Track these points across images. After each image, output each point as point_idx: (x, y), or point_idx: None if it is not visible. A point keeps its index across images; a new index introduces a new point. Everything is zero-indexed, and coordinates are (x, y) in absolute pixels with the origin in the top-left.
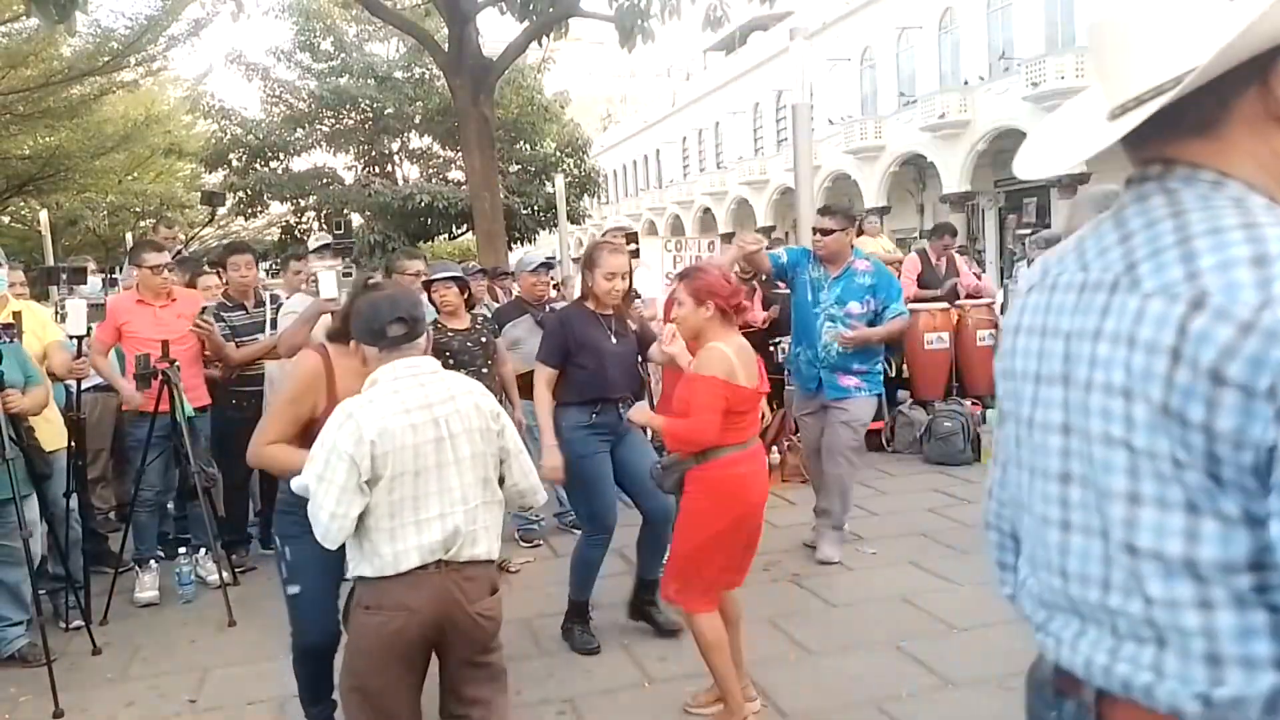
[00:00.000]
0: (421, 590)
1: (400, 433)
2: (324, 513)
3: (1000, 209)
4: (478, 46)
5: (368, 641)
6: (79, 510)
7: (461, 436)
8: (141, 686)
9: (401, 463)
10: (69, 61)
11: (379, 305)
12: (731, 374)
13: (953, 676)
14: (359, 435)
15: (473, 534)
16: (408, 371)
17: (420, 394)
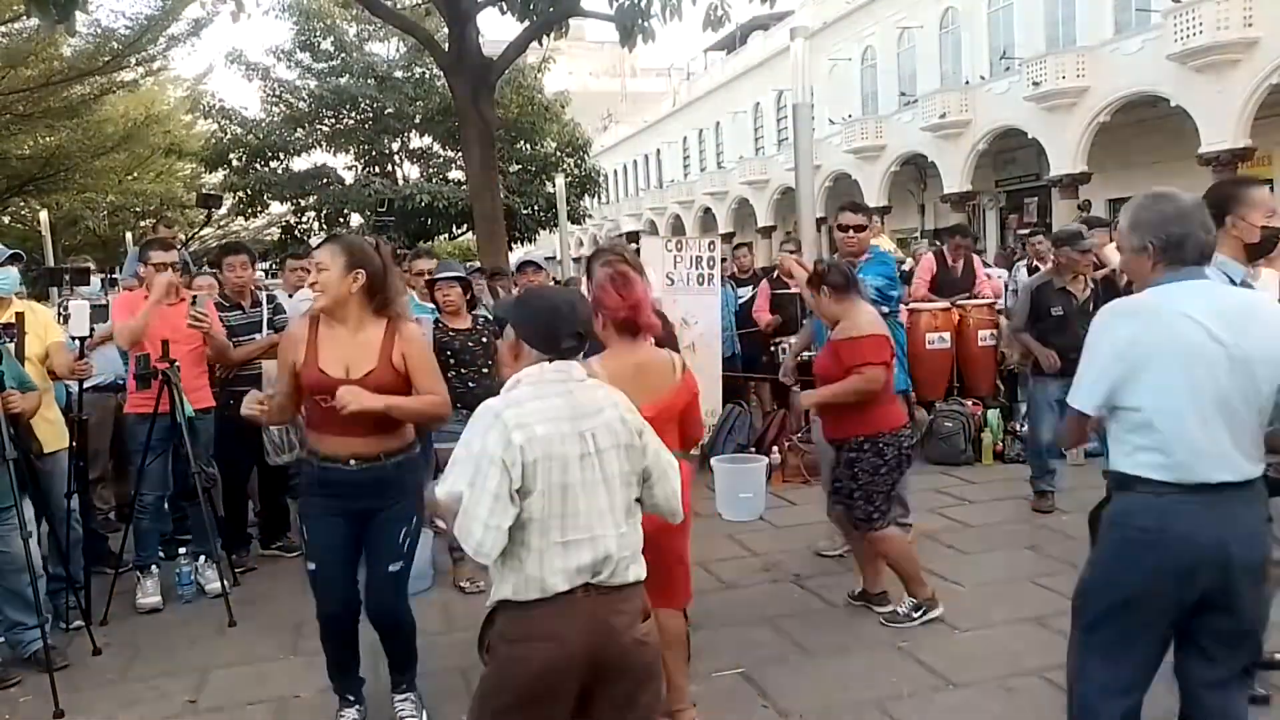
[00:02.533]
0: (573, 619)
1: (548, 441)
2: (477, 524)
3: (1001, 209)
4: (478, 46)
5: (512, 678)
6: (79, 510)
7: (610, 453)
8: (142, 687)
9: (549, 474)
10: (69, 61)
11: (561, 312)
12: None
13: (953, 677)
14: (508, 439)
15: (624, 559)
16: (556, 376)
17: (567, 403)
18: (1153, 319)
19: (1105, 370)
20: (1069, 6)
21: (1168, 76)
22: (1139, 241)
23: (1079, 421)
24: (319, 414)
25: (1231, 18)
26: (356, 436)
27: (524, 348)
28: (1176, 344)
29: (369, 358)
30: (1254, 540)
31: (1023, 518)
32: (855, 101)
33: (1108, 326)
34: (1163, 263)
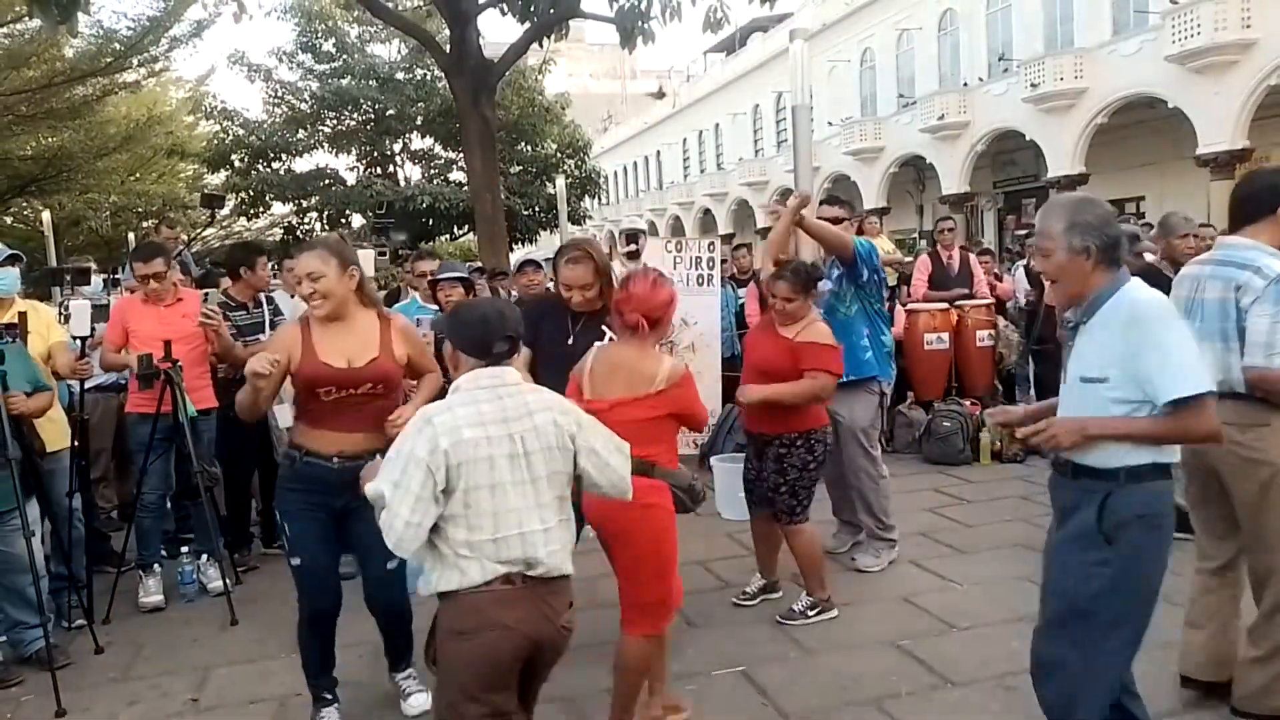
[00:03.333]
0: (515, 608)
1: (475, 444)
2: (399, 520)
3: (999, 210)
4: (479, 48)
5: (466, 670)
6: (82, 509)
7: (537, 454)
8: (144, 685)
9: (476, 475)
10: (71, 62)
11: (490, 321)
12: (580, 382)
13: (952, 676)
14: (435, 443)
15: (553, 554)
16: (490, 382)
17: (498, 407)
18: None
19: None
20: (1067, 8)
21: (1166, 78)
22: (1080, 243)
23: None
24: (319, 408)
25: (1229, 19)
26: (349, 433)
27: (460, 357)
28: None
29: (369, 347)
30: None
31: (1020, 517)
32: (854, 103)
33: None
34: (1103, 263)
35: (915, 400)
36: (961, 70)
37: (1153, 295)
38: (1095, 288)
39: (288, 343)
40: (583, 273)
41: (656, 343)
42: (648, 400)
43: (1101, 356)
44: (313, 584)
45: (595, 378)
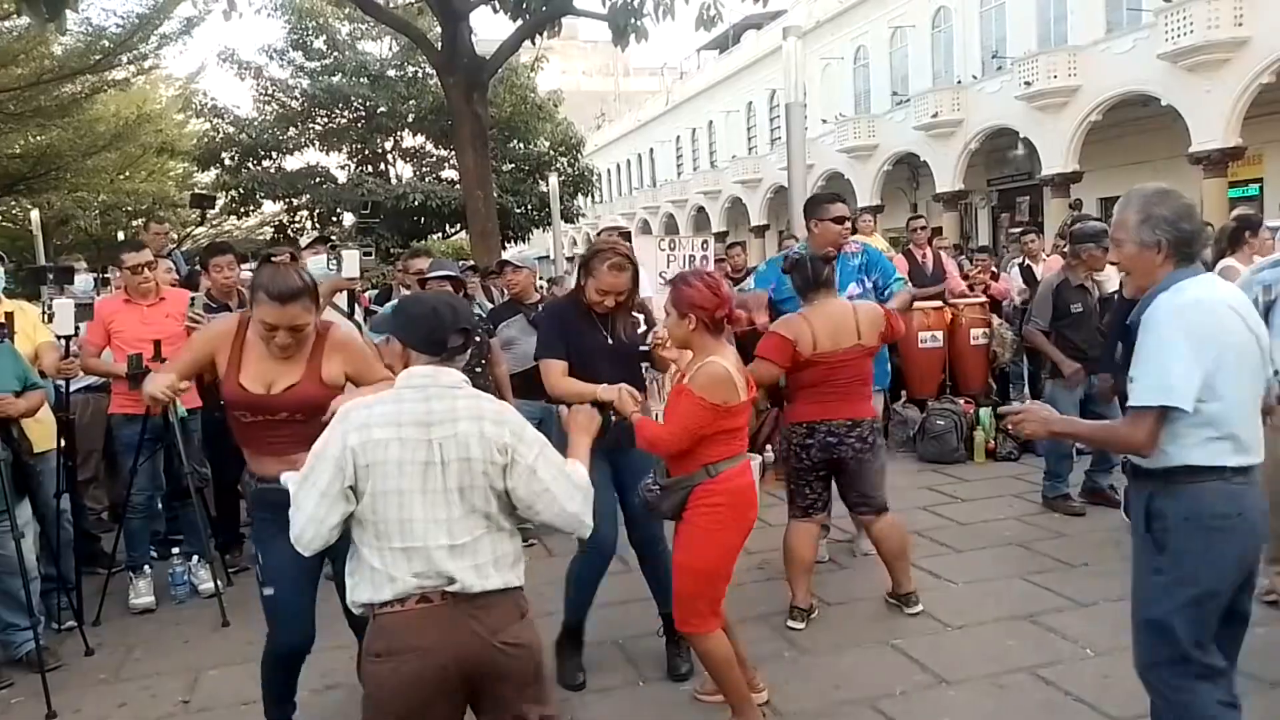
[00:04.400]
0: (430, 628)
1: (384, 445)
2: (301, 514)
3: (993, 208)
4: (471, 45)
5: (382, 694)
6: (70, 511)
7: (456, 465)
8: (134, 687)
9: (384, 479)
10: (60, 60)
11: (441, 313)
12: (730, 393)
13: (946, 674)
14: (344, 440)
15: (475, 568)
16: (421, 380)
17: (422, 409)
18: (1216, 313)
19: (1194, 364)
20: (1060, 6)
21: (1159, 76)
22: (1151, 236)
23: (1160, 422)
24: (244, 431)
25: (1222, 17)
26: (289, 453)
27: (411, 356)
28: (1233, 336)
29: (293, 370)
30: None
31: (1014, 515)
32: (848, 101)
33: (1178, 321)
34: (1173, 258)
35: (910, 399)
36: (955, 68)
37: (1177, 301)
38: (1159, 283)
39: (215, 343)
40: (626, 280)
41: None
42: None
43: (1137, 354)
44: (285, 617)
45: (741, 379)
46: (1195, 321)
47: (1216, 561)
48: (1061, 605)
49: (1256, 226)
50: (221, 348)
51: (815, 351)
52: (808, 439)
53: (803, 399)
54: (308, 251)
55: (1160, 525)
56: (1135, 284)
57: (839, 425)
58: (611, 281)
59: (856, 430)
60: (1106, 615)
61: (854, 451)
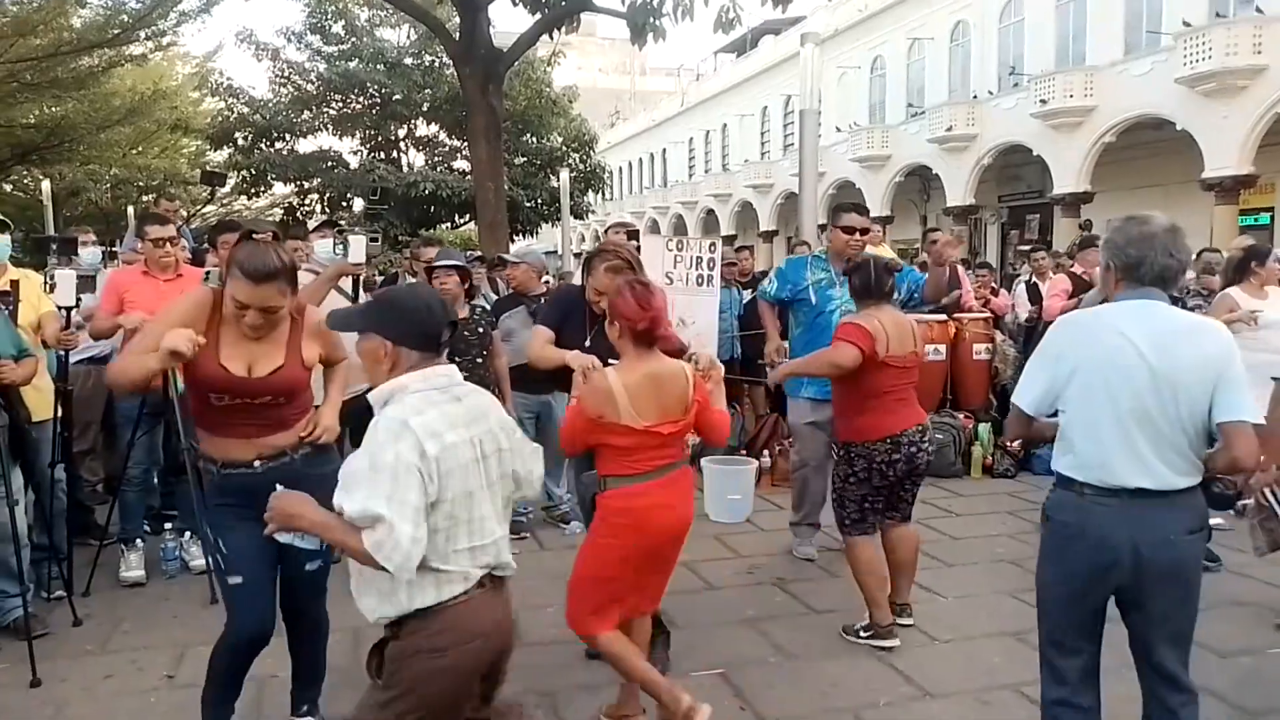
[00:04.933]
0: (491, 612)
1: (456, 449)
2: (405, 538)
3: (1003, 224)
4: (489, 37)
5: (437, 686)
6: (65, 481)
7: (493, 458)
8: (121, 659)
9: (456, 482)
10: (78, 32)
11: (433, 306)
12: (606, 407)
13: (931, 687)
14: (422, 448)
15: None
16: (445, 381)
17: (459, 409)
18: (1084, 331)
19: (1041, 374)
20: (1079, 25)
21: (1175, 100)
22: (1104, 259)
23: (1020, 419)
24: (213, 414)
25: (1241, 44)
26: (260, 437)
27: (401, 353)
28: (1101, 356)
29: (276, 352)
30: (1167, 545)
31: (1007, 532)
32: (863, 110)
33: (1049, 336)
34: (1123, 281)
35: None
36: (971, 82)
37: (1067, 316)
38: None
39: (189, 318)
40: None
41: None
42: (693, 404)
43: None
44: (254, 604)
45: (635, 400)
46: (1063, 336)
47: (1060, 565)
48: None
49: (1264, 257)
50: (195, 324)
51: (888, 353)
52: (894, 453)
53: (878, 411)
54: (315, 235)
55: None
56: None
57: (914, 433)
58: (606, 283)
59: (928, 435)
60: None
61: (928, 456)
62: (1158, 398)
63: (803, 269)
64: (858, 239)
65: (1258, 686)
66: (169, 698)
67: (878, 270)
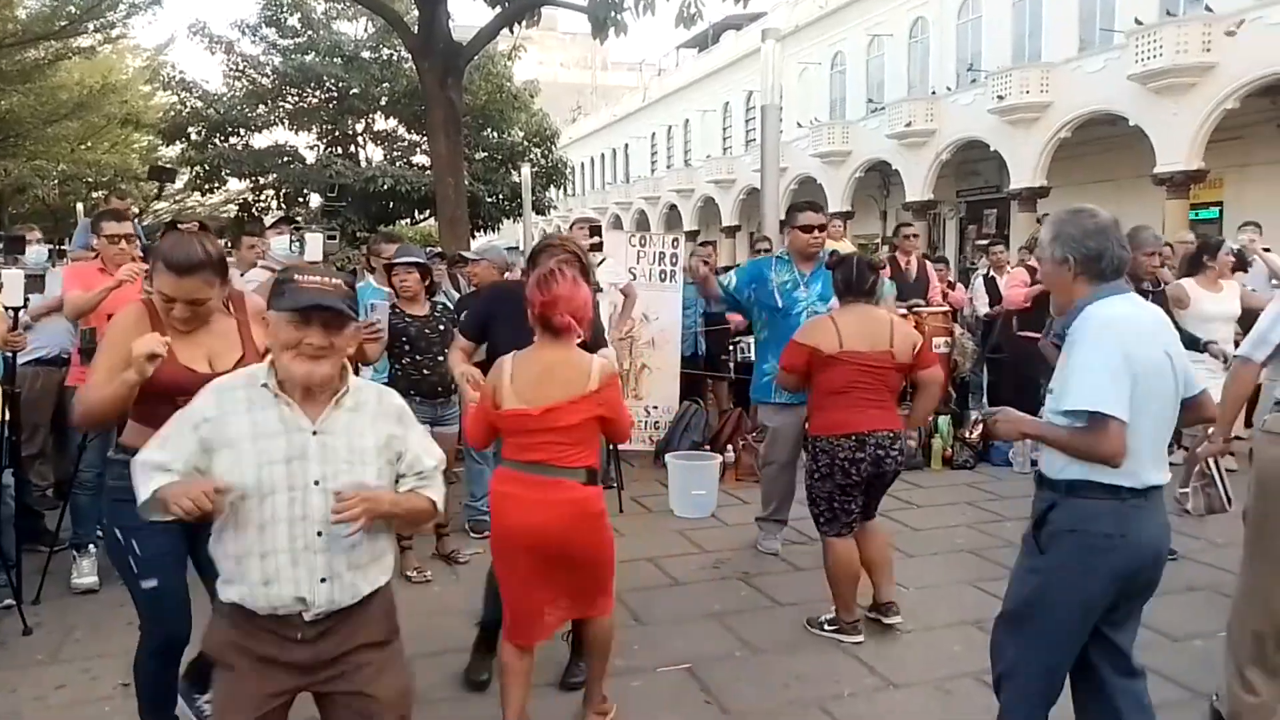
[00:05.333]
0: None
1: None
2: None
3: (961, 219)
4: (448, 30)
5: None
6: (14, 486)
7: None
8: (73, 669)
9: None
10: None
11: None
12: (495, 393)
13: (894, 678)
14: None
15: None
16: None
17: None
18: (1138, 330)
19: (1120, 378)
20: (1035, 22)
21: (1127, 96)
22: (1060, 254)
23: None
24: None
25: (1191, 42)
26: None
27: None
28: (1148, 356)
29: (232, 345)
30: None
31: (967, 523)
32: (824, 106)
33: (1108, 334)
34: (1083, 276)
35: None
36: (930, 78)
37: (1105, 313)
38: (1077, 300)
39: (133, 332)
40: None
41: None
42: (583, 402)
43: (1059, 369)
44: (171, 608)
45: (520, 385)
46: (1123, 335)
47: (1087, 577)
48: None
49: (1215, 249)
50: (140, 334)
51: (842, 349)
52: (858, 452)
53: (841, 406)
54: (271, 231)
55: (1047, 531)
56: (1056, 302)
57: (884, 436)
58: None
59: (897, 444)
60: None
61: (895, 464)
62: (1175, 393)
63: (767, 269)
64: (816, 235)
65: (1209, 669)
66: (124, 707)
67: (859, 267)
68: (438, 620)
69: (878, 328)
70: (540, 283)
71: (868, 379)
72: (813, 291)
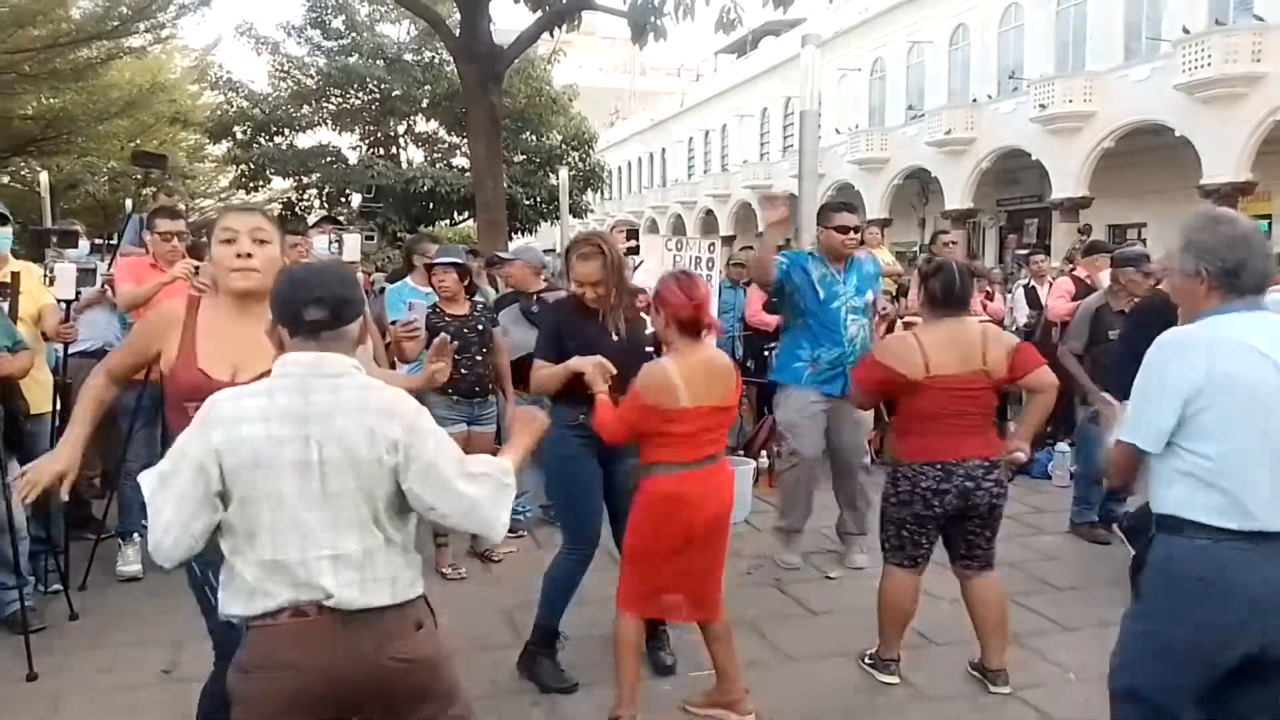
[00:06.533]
0: (306, 645)
1: (253, 443)
2: (159, 520)
3: (1001, 228)
4: (489, 34)
5: (250, 712)
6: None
7: (338, 464)
8: (117, 654)
9: (253, 483)
10: (77, 24)
11: (298, 281)
12: (665, 393)
13: (928, 690)
14: (208, 437)
15: (346, 585)
16: (297, 369)
17: (298, 402)
18: (1215, 353)
19: (1167, 408)
20: (1079, 31)
21: (1174, 106)
22: (1192, 266)
23: (1134, 459)
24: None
25: (1240, 51)
26: None
27: (282, 334)
28: (1242, 381)
29: (263, 357)
30: None
31: (1003, 535)
32: (863, 112)
33: (1166, 360)
34: (1218, 290)
35: None
36: (971, 86)
37: (1180, 336)
38: (1200, 314)
39: (160, 331)
40: (594, 269)
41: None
42: (736, 391)
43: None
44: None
45: (692, 385)
46: (1181, 359)
47: (1177, 627)
48: (1046, 628)
49: None
50: (168, 335)
51: (929, 375)
52: (943, 483)
53: (930, 433)
54: (314, 231)
55: (1145, 572)
56: (1185, 317)
57: (976, 466)
58: (581, 271)
59: (993, 474)
60: (1091, 640)
61: (991, 497)
62: None
63: (804, 262)
64: (851, 237)
65: None
66: (166, 692)
67: (962, 276)
68: (473, 618)
69: (969, 344)
70: (683, 287)
71: (960, 404)
72: (850, 286)
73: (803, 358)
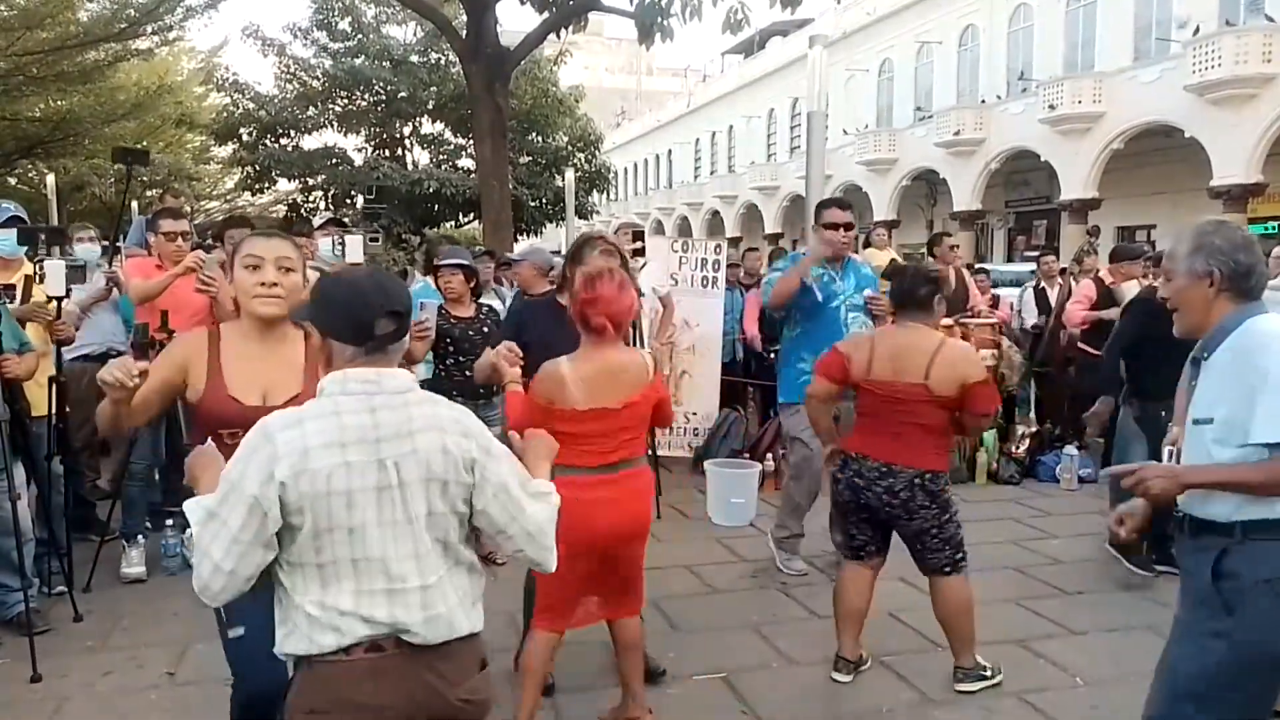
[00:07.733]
0: (383, 683)
1: (328, 474)
2: (207, 562)
3: (1010, 230)
4: (495, 35)
5: None
6: (65, 476)
7: (416, 487)
8: (121, 656)
9: (329, 514)
10: (84, 26)
11: (365, 291)
12: (555, 392)
13: (933, 694)
14: (269, 471)
15: (434, 619)
16: (361, 386)
17: (366, 422)
18: None
19: None
20: (1089, 31)
21: (1183, 107)
22: (1204, 266)
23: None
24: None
25: (1250, 52)
26: None
27: (333, 348)
28: None
29: (292, 379)
30: None
31: (1012, 539)
32: (870, 113)
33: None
34: (1228, 293)
35: None
36: (980, 87)
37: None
38: (1218, 319)
39: (187, 357)
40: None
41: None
42: (650, 391)
43: (1214, 395)
44: (257, 659)
45: (588, 386)
46: None
47: None
48: (1054, 632)
49: None
50: (194, 359)
51: (867, 376)
52: (838, 472)
53: (861, 429)
54: (319, 233)
55: (1233, 585)
56: (1186, 322)
57: (869, 468)
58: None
59: (886, 481)
60: (1099, 644)
61: (880, 503)
62: None
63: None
64: (843, 234)
65: None
66: (169, 695)
67: (913, 279)
68: None
69: (915, 355)
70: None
71: (891, 408)
72: (848, 284)
73: (805, 369)
